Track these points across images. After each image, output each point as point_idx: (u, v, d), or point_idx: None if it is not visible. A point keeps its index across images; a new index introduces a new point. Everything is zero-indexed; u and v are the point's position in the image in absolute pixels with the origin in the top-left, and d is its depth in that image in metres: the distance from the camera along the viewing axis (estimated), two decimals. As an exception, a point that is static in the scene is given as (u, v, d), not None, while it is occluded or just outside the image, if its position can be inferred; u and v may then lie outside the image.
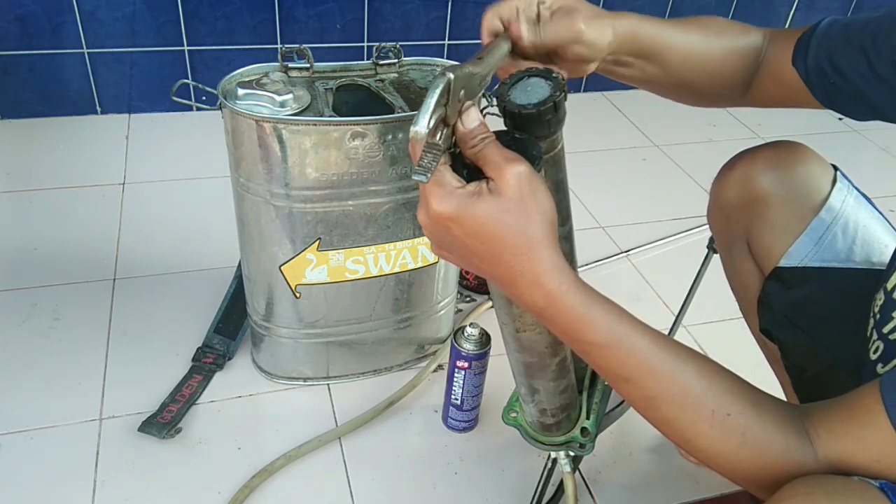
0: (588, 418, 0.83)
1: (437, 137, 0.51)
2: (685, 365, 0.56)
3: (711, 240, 1.01)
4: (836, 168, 0.85)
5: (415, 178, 0.50)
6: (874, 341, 0.69)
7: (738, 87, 0.79)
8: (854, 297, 0.76)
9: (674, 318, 1.17)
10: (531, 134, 0.58)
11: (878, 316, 0.69)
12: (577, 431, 0.83)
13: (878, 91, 0.68)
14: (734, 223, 0.89)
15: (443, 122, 0.51)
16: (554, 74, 0.59)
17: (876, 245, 0.81)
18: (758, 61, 0.78)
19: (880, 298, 0.68)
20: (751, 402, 0.56)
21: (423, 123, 0.48)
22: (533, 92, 0.58)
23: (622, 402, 1.11)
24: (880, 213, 0.84)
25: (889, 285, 0.67)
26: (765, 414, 0.56)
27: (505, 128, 0.59)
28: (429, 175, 0.49)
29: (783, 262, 0.83)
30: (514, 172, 0.51)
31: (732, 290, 0.95)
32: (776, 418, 0.55)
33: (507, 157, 0.52)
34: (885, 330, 0.67)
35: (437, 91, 0.49)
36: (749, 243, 0.88)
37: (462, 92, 0.52)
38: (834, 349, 0.80)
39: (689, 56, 0.75)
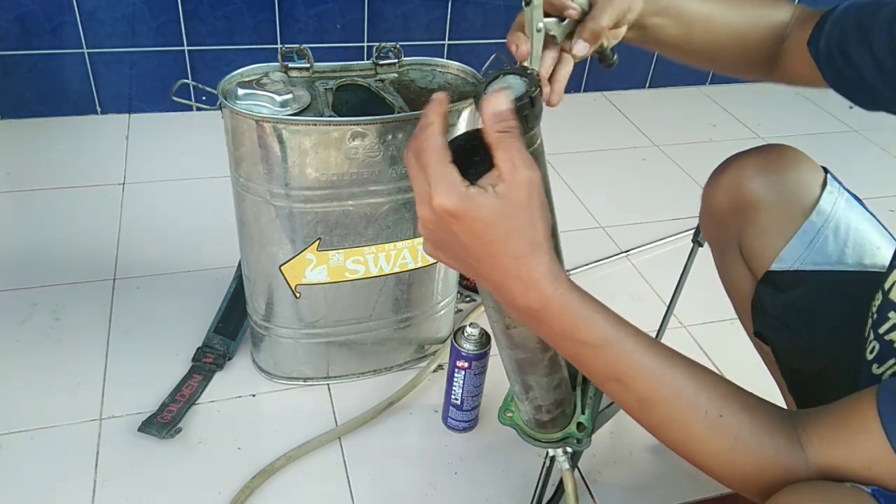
0: (583, 413, 0.83)
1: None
2: (677, 368, 0.57)
3: (696, 233, 1.01)
4: (826, 170, 0.84)
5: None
6: (871, 341, 0.69)
7: (763, 61, 0.80)
8: (847, 300, 0.76)
9: (671, 317, 1.17)
10: None
11: (875, 316, 0.69)
12: (573, 427, 0.83)
13: (880, 80, 0.67)
14: (726, 228, 0.89)
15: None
16: (529, 71, 0.60)
17: (868, 247, 0.81)
18: (782, 37, 0.78)
19: (878, 299, 0.68)
20: (742, 406, 0.56)
21: None
22: (509, 89, 0.58)
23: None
24: (872, 214, 0.84)
25: (887, 285, 0.67)
26: (756, 417, 0.56)
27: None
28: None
29: (775, 266, 0.83)
30: (526, 177, 0.51)
31: (727, 292, 0.95)
32: (767, 422, 0.56)
33: (525, 161, 0.52)
34: (881, 330, 0.67)
35: None
36: (741, 247, 0.87)
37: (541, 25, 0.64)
38: (827, 351, 0.80)
39: (709, 22, 0.76)
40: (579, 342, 0.56)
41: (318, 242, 1.01)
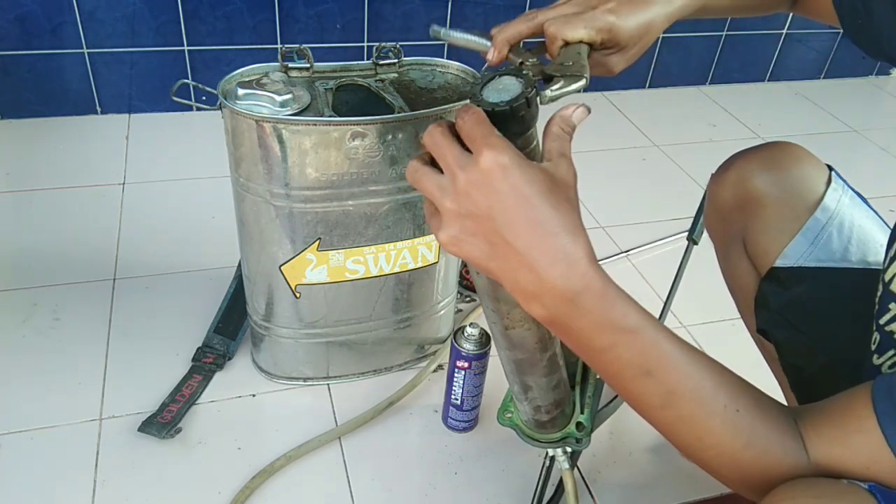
0: (582, 413, 0.83)
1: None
2: (696, 357, 0.55)
3: (691, 230, 1.01)
4: (830, 168, 0.85)
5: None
6: (873, 332, 0.69)
7: (785, 3, 0.81)
8: (850, 297, 0.76)
9: (668, 314, 1.17)
10: (506, 131, 0.58)
11: (877, 307, 0.69)
12: (572, 427, 0.83)
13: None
14: (730, 224, 0.89)
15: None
16: (524, 72, 0.60)
17: (871, 244, 0.81)
18: None
19: (879, 290, 0.69)
20: (754, 401, 0.55)
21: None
22: (505, 90, 0.59)
23: (614, 397, 1.11)
24: (876, 212, 0.84)
25: (887, 276, 0.67)
26: (766, 413, 0.55)
27: None
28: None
29: (779, 263, 0.83)
30: (571, 166, 0.54)
31: (730, 290, 0.95)
32: (776, 419, 0.55)
33: (571, 159, 0.54)
34: (882, 321, 0.67)
35: None
36: (745, 244, 0.88)
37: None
38: (830, 348, 0.80)
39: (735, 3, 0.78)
40: (617, 329, 0.52)
41: (318, 242, 1.01)
